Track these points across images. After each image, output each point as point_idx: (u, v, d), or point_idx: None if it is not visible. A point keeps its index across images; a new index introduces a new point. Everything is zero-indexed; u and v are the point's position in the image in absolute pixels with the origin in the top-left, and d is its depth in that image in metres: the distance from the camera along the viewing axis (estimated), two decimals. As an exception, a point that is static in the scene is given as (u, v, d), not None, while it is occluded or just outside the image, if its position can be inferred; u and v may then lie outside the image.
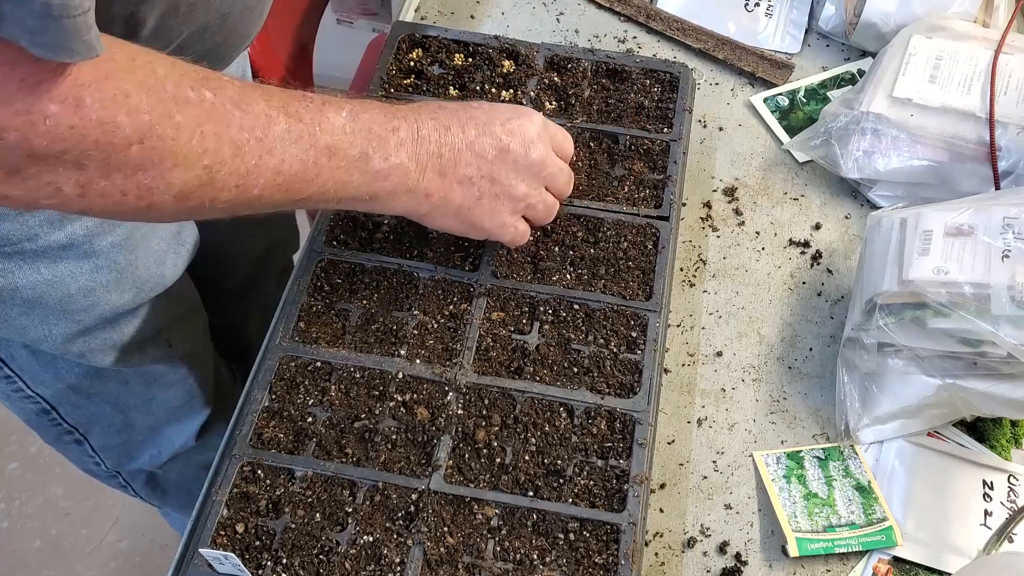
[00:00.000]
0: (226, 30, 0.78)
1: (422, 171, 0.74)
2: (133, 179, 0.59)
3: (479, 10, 1.11)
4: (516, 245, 0.83)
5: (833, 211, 0.96)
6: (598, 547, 0.71)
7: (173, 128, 0.59)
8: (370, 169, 0.71)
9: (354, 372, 0.78)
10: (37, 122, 0.53)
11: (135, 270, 0.89)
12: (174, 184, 0.60)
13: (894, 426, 0.81)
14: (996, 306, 0.73)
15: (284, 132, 0.66)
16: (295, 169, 0.67)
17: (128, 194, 0.59)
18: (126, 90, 0.56)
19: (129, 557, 1.78)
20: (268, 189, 0.66)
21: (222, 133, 0.62)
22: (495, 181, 0.77)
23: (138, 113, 0.57)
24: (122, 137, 0.56)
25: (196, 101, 0.60)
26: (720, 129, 1.02)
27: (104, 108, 0.55)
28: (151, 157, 0.58)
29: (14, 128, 0.53)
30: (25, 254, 0.80)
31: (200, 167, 0.61)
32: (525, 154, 0.77)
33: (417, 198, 0.74)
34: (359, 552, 0.71)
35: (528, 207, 0.80)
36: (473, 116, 0.77)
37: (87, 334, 0.90)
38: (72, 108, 0.54)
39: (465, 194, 0.76)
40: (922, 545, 0.77)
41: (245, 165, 0.63)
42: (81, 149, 0.55)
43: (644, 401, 0.77)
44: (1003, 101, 0.90)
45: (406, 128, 0.73)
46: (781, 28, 1.10)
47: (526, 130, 0.78)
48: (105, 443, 1.08)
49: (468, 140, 0.75)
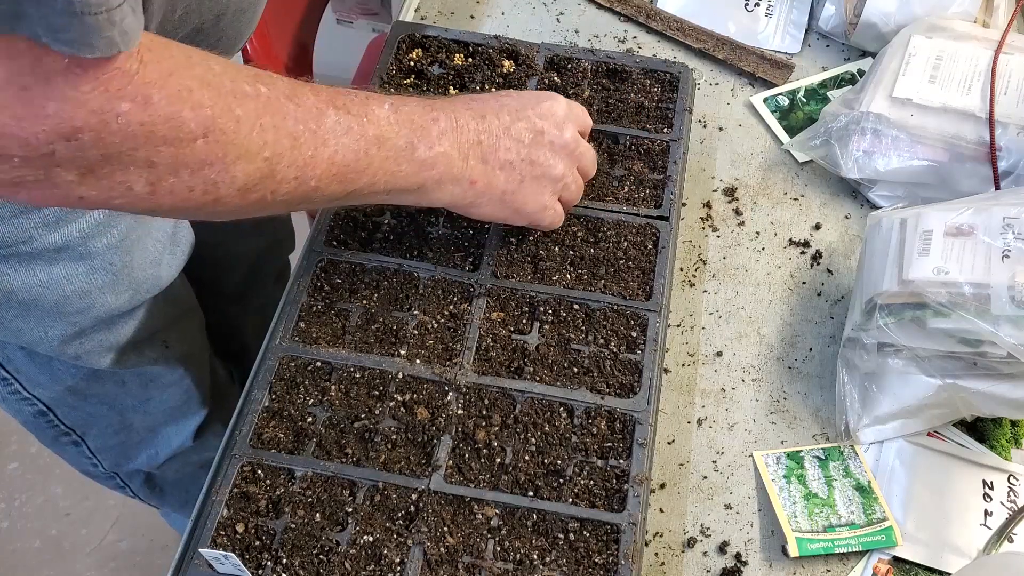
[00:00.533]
0: (219, 31, 0.79)
1: (465, 159, 0.75)
2: (200, 174, 0.60)
3: (479, 10, 1.11)
4: (554, 228, 0.84)
5: (833, 211, 0.96)
6: (598, 547, 0.71)
7: (234, 121, 0.60)
8: (416, 158, 0.73)
9: (354, 372, 0.78)
10: (110, 120, 0.54)
11: (131, 271, 0.88)
12: (238, 178, 0.62)
13: (894, 426, 0.81)
14: (996, 306, 0.73)
15: (335, 124, 0.67)
16: (348, 160, 0.68)
17: (195, 189, 0.61)
18: (189, 86, 0.58)
19: (129, 557, 1.78)
20: (324, 180, 0.67)
21: (279, 125, 0.63)
22: (534, 163, 0.79)
23: (201, 108, 0.58)
24: (188, 132, 0.58)
25: (253, 95, 0.62)
26: (720, 129, 1.02)
27: (170, 104, 0.57)
28: (215, 151, 0.60)
29: (89, 128, 0.54)
30: (21, 256, 0.80)
31: (261, 159, 0.62)
32: (560, 135, 0.80)
33: (463, 186, 0.76)
34: (359, 552, 0.71)
35: (564, 187, 0.82)
36: (504, 104, 0.79)
37: (83, 336, 0.90)
38: (141, 105, 0.55)
39: (508, 178, 0.78)
40: (922, 545, 0.77)
41: (302, 156, 0.65)
42: (151, 145, 0.57)
43: (644, 401, 0.77)
44: (1003, 101, 0.90)
45: (445, 119, 0.75)
46: (781, 28, 1.10)
47: (556, 112, 0.80)
48: (102, 444, 1.08)
49: (504, 126, 0.78)
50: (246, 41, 0.87)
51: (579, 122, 0.83)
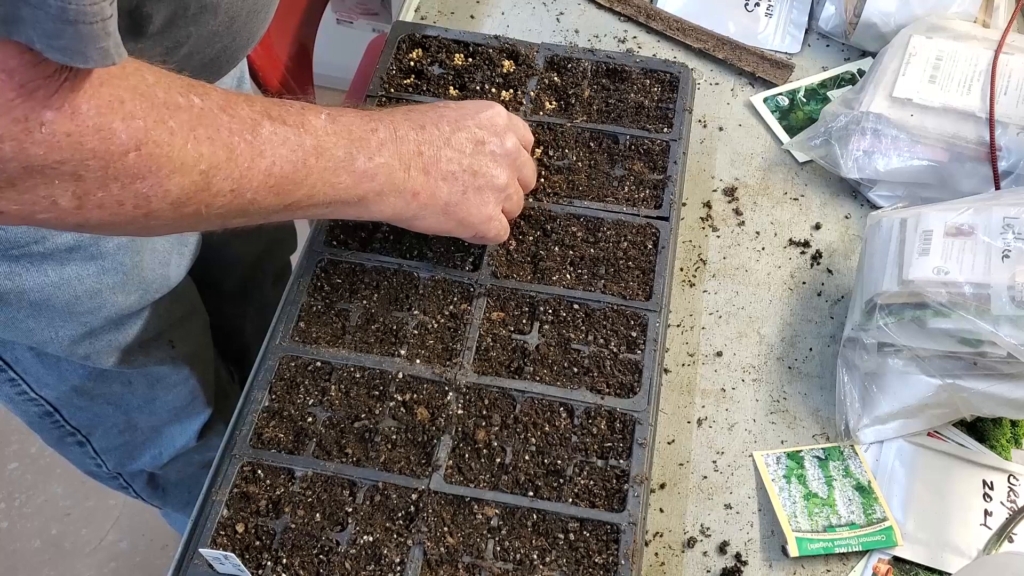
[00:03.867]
0: (233, 33, 0.79)
1: (406, 169, 0.74)
2: (131, 188, 0.58)
3: (479, 10, 1.11)
4: (499, 242, 0.83)
5: (833, 211, 0.96)
6: (598, 547, 0.71)
7: (168, 133, 0.58)
8: (356, 169, 0.71)
9: (354, 372, 0.78)
10: (33, 129, 0.52)
11: (141, 271, 0.89)
12: (171, 191, 0.59)
13: (894, 426, 0.81)
14: (996, 306, 0.73)
15: (271, 134, 0.65)
16: (285, 171, 0.66)
17: (125, 204, 0.58)
18: (120, 96, 0.55)
19: (129, 557, 1.78)
20: (261, 192, 0.65)
21: (214, 137, 0.61)
22: (477, 174, 0.77)
23: (133, 119, 0.56)
24: (119, 144, 0.55)
25: (186, 106, 0.60)
26: (720, 129, 1.02)
27: (100, 115, 0.54)
28: (148, 164, 0.57)
29: (11, 137, 0.51)
30: (32, 257, 0.80)
31: (197, 172, 0.60)
32: (501, 143, 0.79)
33: (405, 198, 0.74)
34: (359, 552, 0.71)
35: (507, 197, 0.80)
36: (444, 114, 0.78)
37: (93, 336, 0.90)
38: (68, 115, 0.53)
39: (451, 190, 0.76)
40: (922, 545, 0.77)
41: (238, 168, 0.63)
42: (79, 158, 0.54)
43: (644, 401, 0.77)
44: (1003, 101, 0.90)
45: (384, 129, 0.73)
46: (781, 28, 1.10)
47: (496, 122, 0.79)
48: (107, 444, 1.08)
49: (444, 136, 0.76)
50: (257, 42, 0.86)
51: (519, 133, 0.82)
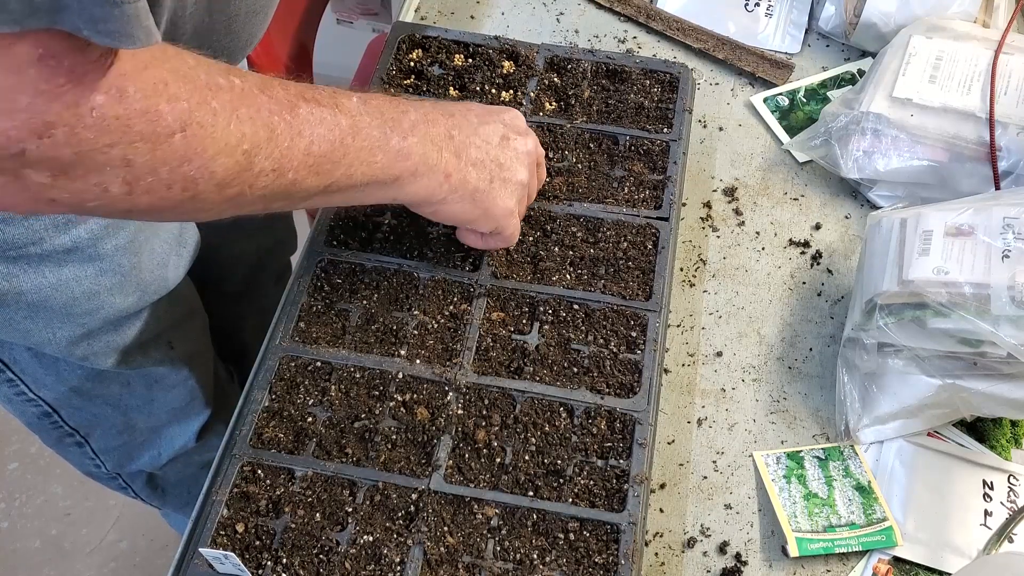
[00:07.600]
0: (232, 33, 0.79)
1: (439, 151, 0.75)
2: (179, 171, 0.58)
3: (479, 10, 1.11)
4: (511, 243, 0.83)
5: (833, 211, 0.96)
6: (598, 547, 0.71)
7: (211, 114, 0.59)
8: (391, 148, 0.72)
9: (354, 372, 0.78)
10: (84, 114, 0.52)
11: (139, 273, 0.89)
12: (217, 172, 0.60)
13: (894, 426, 0.81)
14: (996, 306, 0.73)
15: (308, 114, 0.66)
16: (324, 149, 0.67)
17: (173, 187, 0.59)
18: (164, 78, 0.56)
19: (129, 557, 1.78)
20: (301, 172, 0.66)
21: (255, 117, 0.62)
22: (503, 166, 0.78)
23: (177, 100, 0.57)
24: (165, 126, 0.56)
25: (227, 87, 0.61)
26: (720, 129, 1.02)
27: (146, 97, 0.55)
28: (194, 146, 0.58)
29: (63, 123, 0.52)
30: (30, 258, 0.80)
31: (240, 152, 0.61)
32: (524, 142, 0.81)
33: (438, 178, 0.75)
34: (359, 552, 0.71)
35: (525, 196, 0.81)
36: (470, 107, 0.80)
37: (91, 337, 0.90)
38: (117, 98, 0.53)
39: (479, 176, 0.77)
40: (922, 545, 0.77)
41: (279, 148, 0.64)
42: (127, 141, 0.55)
43: (644, 401, 0.77)
44: (1003, 101, 0.90)
45: (414, 112, 0.75)
46: (781, 28, 1.10)
47: (518, 123, 0.82)
48: (106, 445, 1.08)
49: (473, 126, 0.78)
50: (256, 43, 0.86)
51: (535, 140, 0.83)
